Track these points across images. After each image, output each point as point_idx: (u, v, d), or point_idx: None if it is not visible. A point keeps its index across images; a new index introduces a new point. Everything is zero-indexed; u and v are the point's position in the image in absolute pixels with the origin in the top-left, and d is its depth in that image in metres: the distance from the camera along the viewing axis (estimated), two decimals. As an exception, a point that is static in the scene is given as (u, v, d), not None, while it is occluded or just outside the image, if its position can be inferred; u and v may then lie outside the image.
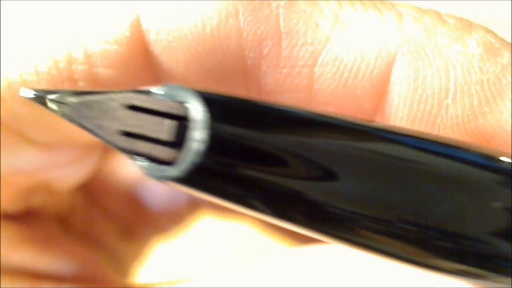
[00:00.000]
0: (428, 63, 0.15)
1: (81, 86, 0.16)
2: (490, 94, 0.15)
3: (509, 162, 0.14)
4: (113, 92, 0.13)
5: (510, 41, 0.16)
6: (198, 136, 0.12)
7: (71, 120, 0.13)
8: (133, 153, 0.13)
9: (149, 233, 0.29)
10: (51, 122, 0.18)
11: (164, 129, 0.13)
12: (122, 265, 0.28)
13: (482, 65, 0.15)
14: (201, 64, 0.16)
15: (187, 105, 0.12)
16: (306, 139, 0.13)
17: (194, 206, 0.29)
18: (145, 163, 0.13)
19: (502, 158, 0.14)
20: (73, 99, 0.13)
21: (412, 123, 0.16)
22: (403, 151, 0.14)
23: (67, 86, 0.16)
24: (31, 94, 0.13)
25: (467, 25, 0.16)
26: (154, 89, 0.13)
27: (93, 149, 0.22)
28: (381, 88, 0.16)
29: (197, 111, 0.12)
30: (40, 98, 0.13)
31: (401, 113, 0.16)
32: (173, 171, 0.12)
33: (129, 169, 0.28)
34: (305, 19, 0.15)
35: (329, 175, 0.13)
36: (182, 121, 0.12)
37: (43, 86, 0.17)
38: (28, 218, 0.22)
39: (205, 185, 0.12)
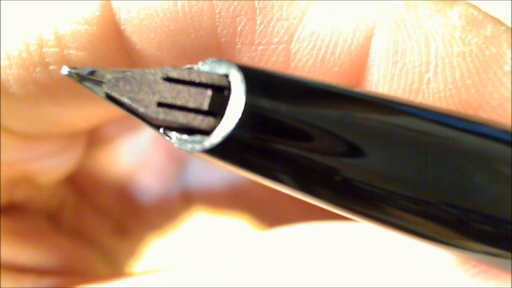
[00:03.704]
0: (408, 35, 0.15)
1: (53, 69, 0.16)
2: (473, 66, 0.14)
3: None
4: (152, 69, 0.13)
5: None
6: (238, 104, 0.12)
7: (107, 96, 0.13)
8: (169, 125, 0.13)
9: (142, 230, 0.28)
10: (28, 111, 0.17)
11: (206, 99, 0.13)
12: (115, 261, 0.27)
13: (464, 36, 0.15)
14: (174, 43, 0.15)
15: (229, 76, 0.12)
16: (342, 115, 0.13)
17: (187, 202, 0.28)
18: (181, 135, 0.13)
19: None
20: (110, 75, 0.13)
21: None
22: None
23: (38, 70, 0.16)
24: (65, 71, 0.13)
25: None
26: (194, 65, 0.13)
27: (75, 140, 0.21)
28: (360, 64, 0.15)
29: (237, 81, 0.12)
30: (76, 75, 0.13)
31: (381, 89, 0.15)
32: (212, 139, 0.12)
33: (120, 165, 0.28)
34: None
35: (359, 151, 0.13)
36: (222, 92, 0.12)
37: (14, 70, 0.16)
38: (11, 211, 0.21)
39: (240, 155, 0.12)
